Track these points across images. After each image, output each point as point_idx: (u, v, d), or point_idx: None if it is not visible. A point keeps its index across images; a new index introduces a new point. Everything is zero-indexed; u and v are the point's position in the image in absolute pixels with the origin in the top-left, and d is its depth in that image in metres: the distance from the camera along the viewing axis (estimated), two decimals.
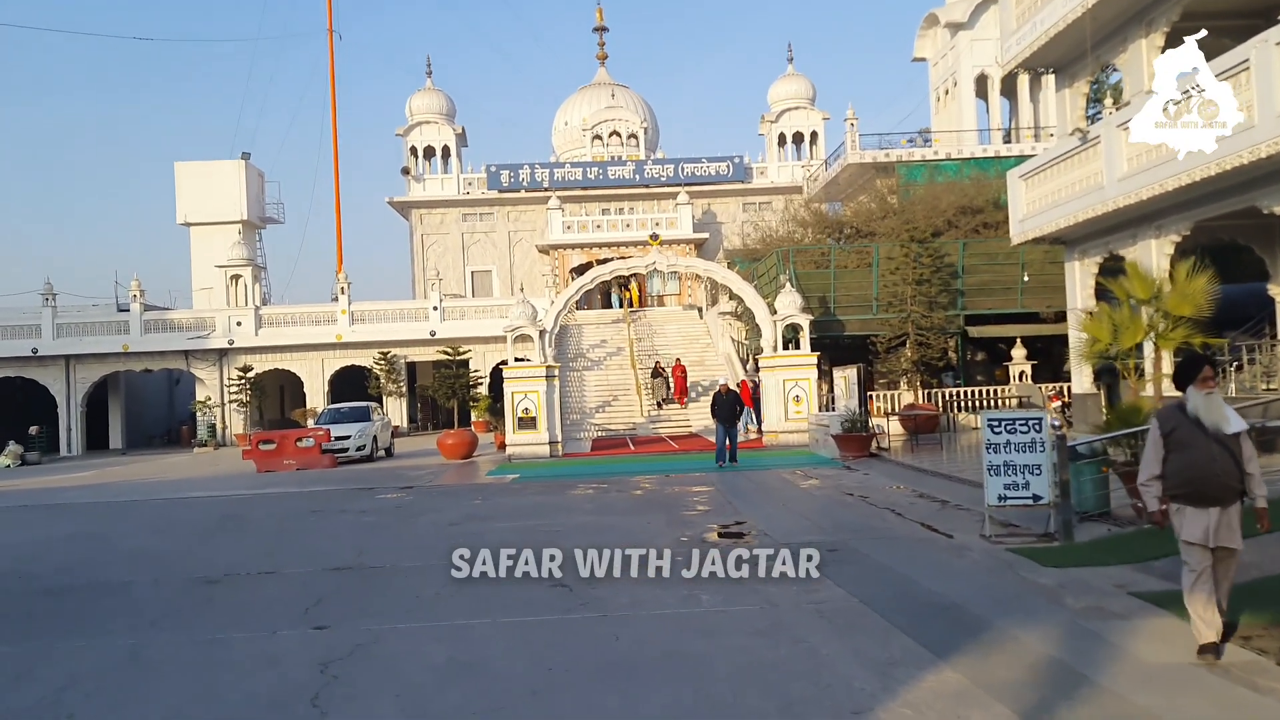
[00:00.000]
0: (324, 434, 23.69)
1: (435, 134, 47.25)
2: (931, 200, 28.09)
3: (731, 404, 18.63)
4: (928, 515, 11.20)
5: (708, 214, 47.10)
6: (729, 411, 18.45)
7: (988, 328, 25.60)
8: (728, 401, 18.57)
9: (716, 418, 18.49)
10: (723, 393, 18.74)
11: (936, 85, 39.65)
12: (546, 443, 22.36)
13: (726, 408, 18.46)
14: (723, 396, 18.64)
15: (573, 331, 36.57)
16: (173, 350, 38.61)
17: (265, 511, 15.04)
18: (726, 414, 18.37)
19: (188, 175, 44.23)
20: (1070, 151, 18.59)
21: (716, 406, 18.59)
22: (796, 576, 7.22)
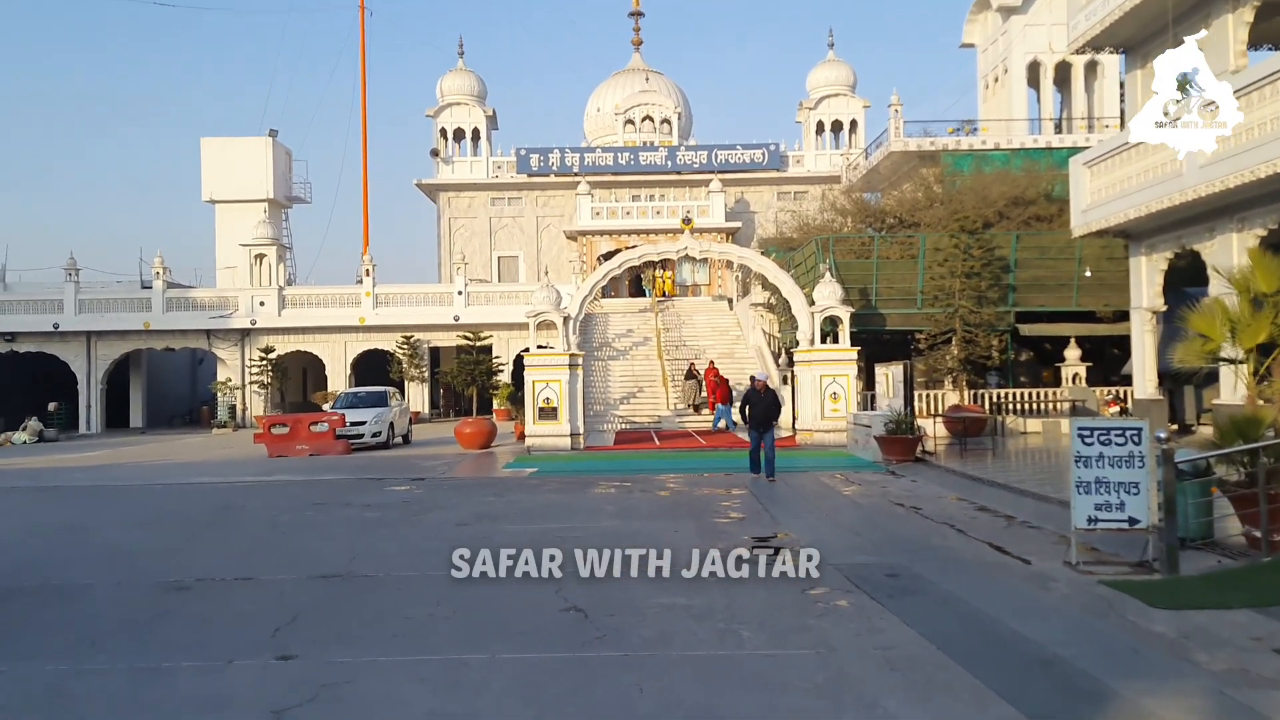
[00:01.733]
0: (339, 419, 22.70)
1: (466, 116, 46.19)
2: (980, 190, 26.60)
3: (769, 404, 15.17)
4: (994, 533, 9.90)
5: (741, 202, 45.72)
6: (764, 412, 15.03)
7: (1040, 326, 24.12)
8: (764, 401, 15.11)
9: (749, 420, 15.18)
10: (759, 390, 15.29)
11: (985, 72, 37.99)
12: (568, 434, 21.22)
13: (762, 409, 15.02)
14: (758, 395, 15.22)
15: (598, 320, 35.41)
16: (195, 329, 37.93)
17: (265, 502, 14.00)
18: (761, 415, 15.01)
19: (214, 151, 43.44)
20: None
21: (749, 406, 15.17)
22: (861, 619, 5.92)
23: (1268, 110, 13.95)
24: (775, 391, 16.67)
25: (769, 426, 15.07)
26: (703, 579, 7.86)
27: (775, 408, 15.47)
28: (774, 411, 15.32)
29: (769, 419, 15.13)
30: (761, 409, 15.06)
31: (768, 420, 15.07)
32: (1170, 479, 7.80)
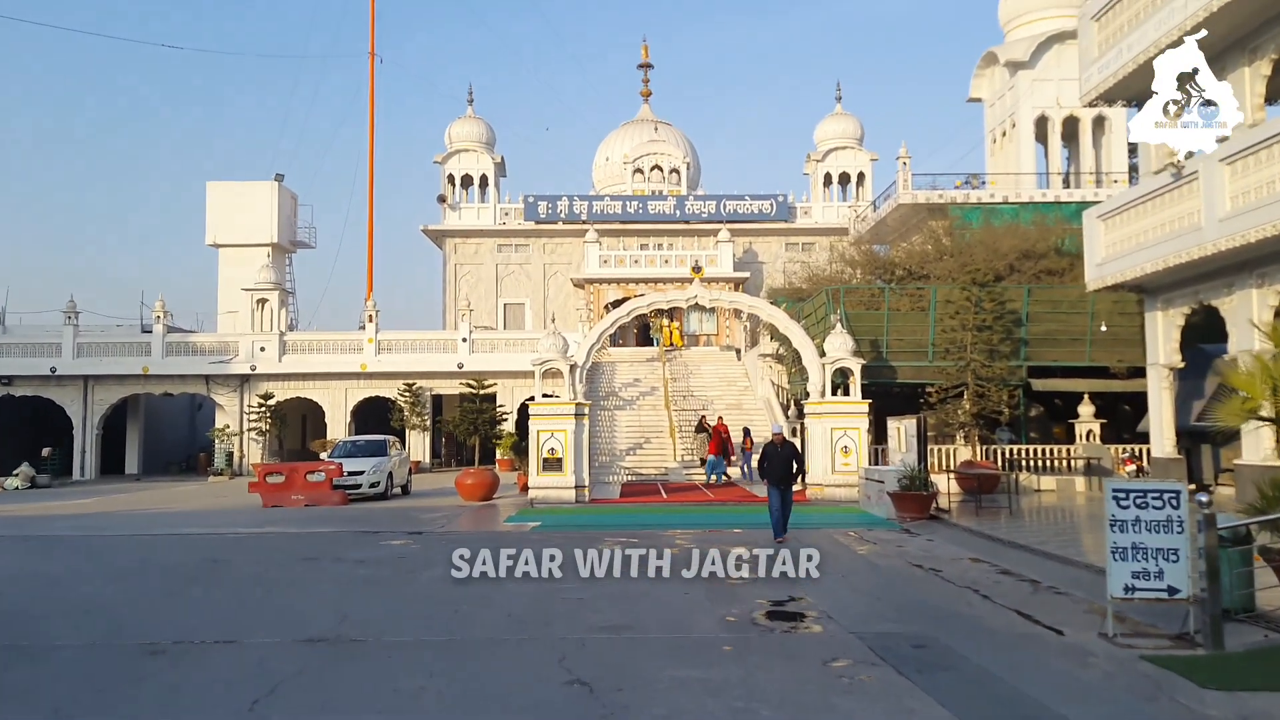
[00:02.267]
0: (336, 468, 22.19)
1: (474, 162, 46.31)
2: (990, 243, 26.33)
3: (788, 459, 13.97)
4: (1021, 600, 9.37)
5: (749, 253, 45.59)
6: (784, 469, 13.80)
7: (1053, 381, 23.68)
8: (782, 456, 13.90)
9: (767, 477, 13.97)
10: (776, 444, 14.12)
11: (992, 127, 38.02)
12: (573, 486, 20.71)
13: (780, 464, 13.80)
14: (776, 449, 14.03)
15: (605, 369, 35.02)
16: (193, 374, 37.54)
17: (254, 556, 13.47)
18: (780, 472, 13.75)
19: (219, 195, 43.51)
20: (1159, 189, 16.84)
21: (767, 462, 14.00)
22: (889, 698, 5.41)
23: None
24: (794, 445, 15.29)
25: (789, 483, 13.90)
26: (716, 648, 7.35)
27: (795, 462, 14.22)
28: (794, 466, 14.12)
29: (789, 476, 13.94)
30: (780, 464, 13.89)
31: (788, 477, 13.91)
32: (1213, 545, 7.32)
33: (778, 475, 13.82)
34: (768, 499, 13.93)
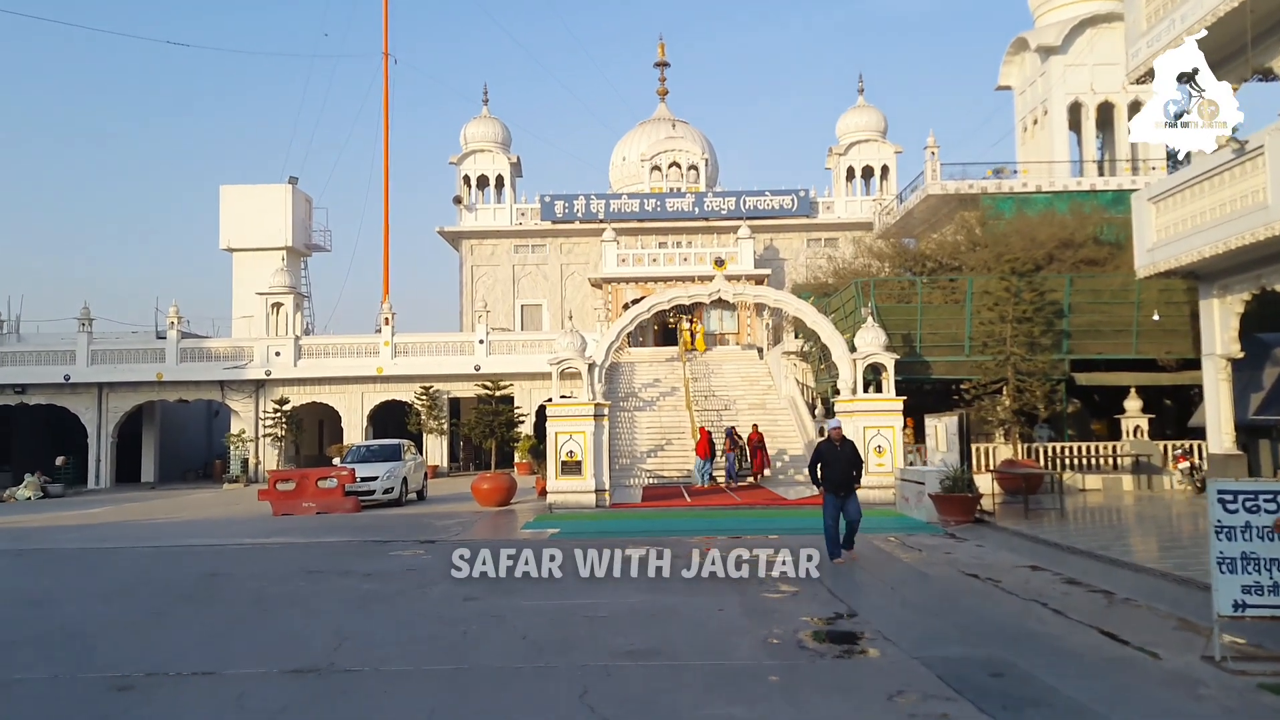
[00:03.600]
0: (348, 474, 21.39)
1: (489, 163, 45.51)
2: (1027, 232, 25.18)
3: (849, 459, 11.80)
4: (1098, 615, 8.35)
5: (770, 249, 44.56)
6: (845, 472, 11.65)
7: (1097, 375, 22.51)
8: (842, 457, 11.71)
9: (824, 483, 11.74)
10: (834, 442, 11.84)
11: (1023, 114, 36.81)
12: (593, 490, 19.79)
13: (841, 467, 11.64)
14: (834, 449, 11.77)
15: (624, 369, 34.09)
16: (208, 380, 36.93)
17: (256, 569, 12.62)
18: (841, 476, 11.62)
19: (233, 199, 42.91)
20: (1217, 168, 15.70)
21: (823, 464, 11.75)
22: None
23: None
24: (854, 443, 12.75)
25: (851, 490, 11.67)
26: (761, 678, 6.39)
27: (857, 463, 11.98)
28: (857, 467, 11.91)
29: (850, 479, 11.68)
30: (840, 466, 11.60)
31: (849, 482, 11.63)
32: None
33: (837, 479, 11.62)
34: (823, 509, 11.75)
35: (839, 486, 11.64)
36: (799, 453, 26.77)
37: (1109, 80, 33.81)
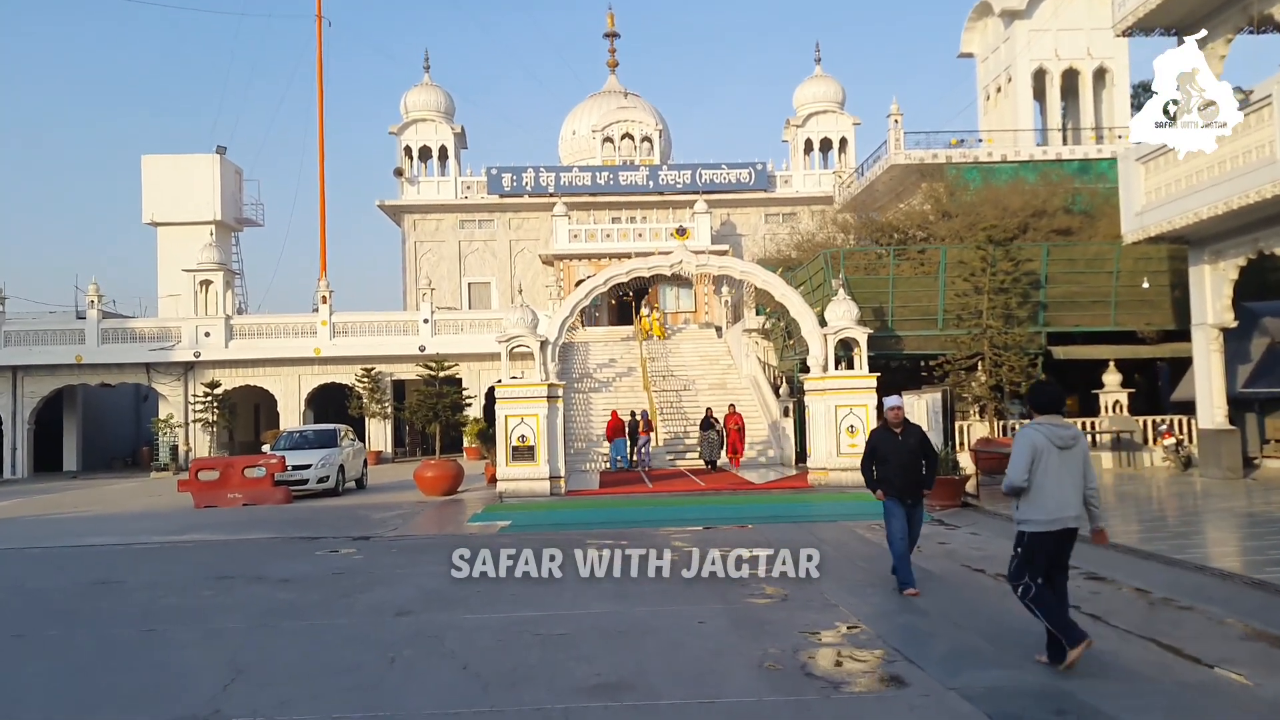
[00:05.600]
0: (278, 462, 19.62)
1: (432, 133, 43.49)
2: (998, 201, 24.09)
3: (917, 453, 8.43)
4: (1143, 621, 7.11)
5: (727, 224, 43.27)
6: (912, 470, 8.38)
7: (1075, 348, 21.51)
8: (907, 448, 8.38)
9: (882, 485, 8.45)
10: (892, 428, 8.48)
11: (986, 83, 35.82)
12: (546, 477, 18.30)
13: (906, 462, 8.35)
14: (893, 438, 8.43)
15: (578, 349, 32.59)
16: (132, 363, 34.69)
17: (157, 574, 10.93)
18: (906, 477, 8.35)
19: (156, 170, 40.34)
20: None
21: (881, 460, 8.46)
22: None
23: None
24: (921, 429, 8.99)
25: (919, 496, 8.46)
26: (764, 713, 4.98)
27: (929, 457, 8.55)
28: (929, 463, 8.53)
29: (919, 480, 8.39)
30: (907, 462, 8.28)
31: (917, 483, 8.39)
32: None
33: (904, 481, 8.28)
34: (886, 520, 8.44)
35: (906, 490, 8.33)
36: (763, 434, 25.55)
37: (1074, 46, 32.97)
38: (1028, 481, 5.84)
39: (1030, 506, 5.91)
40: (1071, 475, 5.87)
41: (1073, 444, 5.91)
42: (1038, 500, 5.87)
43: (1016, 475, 5.85)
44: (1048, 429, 5.91)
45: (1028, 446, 5.86)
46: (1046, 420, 5.97)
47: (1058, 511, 5.84)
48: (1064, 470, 5.85)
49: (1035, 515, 5.89)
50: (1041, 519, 5.87)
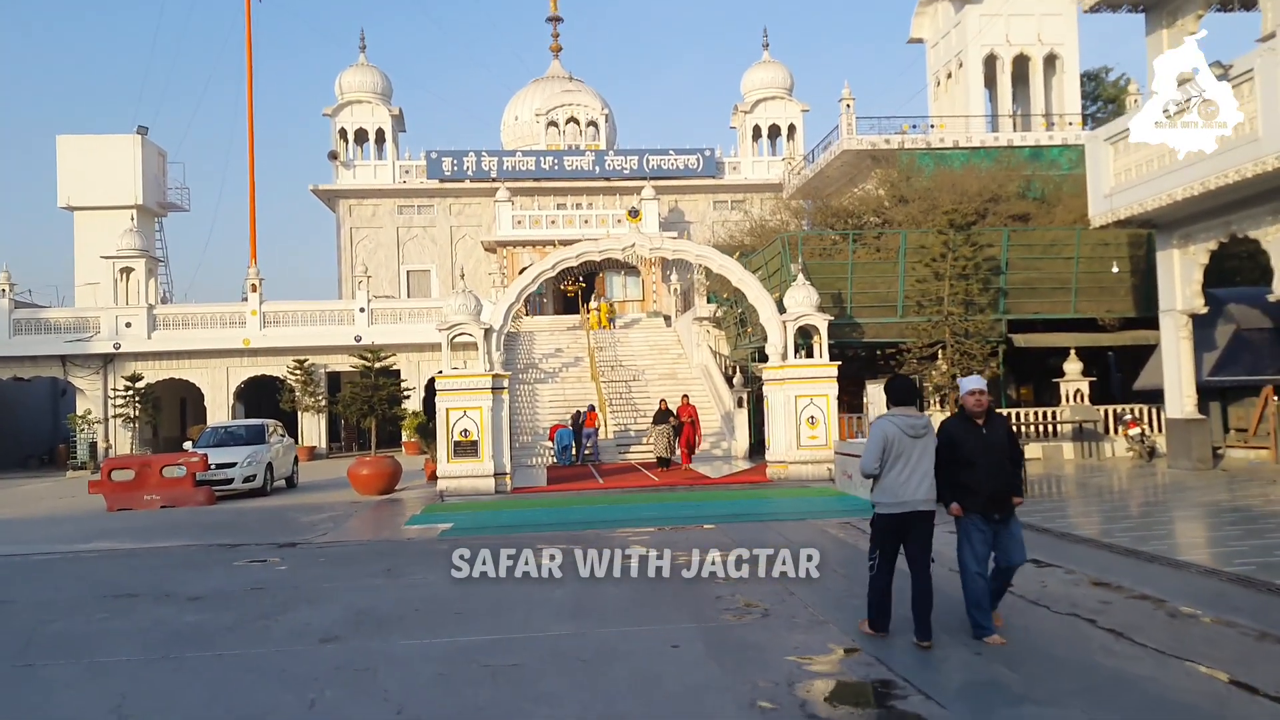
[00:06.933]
0: (200, 461, 18.20)
1: (368, 115, 41.82)
2: (957, 186, 23.50)
3: (1002, 448, 6.40)
4: (1171, 638, 6.31)
5: (675, 211, 42.38)
6: (1000, 473, 6.36)
7: (1035, 336, 21.02)
8: (994, 444, 6.36)
9: (959, 494, 6.37)
10: (973, 417, 6.44)
11: (936, 69, 35.37)
12: (491, 474, 17.21)
13: (993, 462, 6.33)
14: (975, 431, 6.40)
15: (523, 338, 31.45)
16: (46, 355, 32.56)
17: (47, 592, 9.63)
18: (996, 481, 6.33)
19: (72, 151, 37.97)
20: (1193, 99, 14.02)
21: (959, 461, 6.33)
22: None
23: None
24: (1006, 419, 7.47)
25: (1009, 504, 6.41)
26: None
27: (1016, 456, 6.61)
28: (1017, 462, 6.62)
29: (1008, 482, 6.41)
30: (994, 462, 6.33)
31: (1006, 487, 6.39)
32: None
33: (991, 489, 6.32)
34: (961, 542, 6.49)
35: (995, 501, 6.34)
36: (715, 426, 24.72)
37: (1025, 32, 32.66)
38: (879, 468, 6.29)
39: (880, 491, 6.37)
40: (922, 462, 6.27)
41: (924, 432, 6.31)
42: (887, 485, 6.30)
43: (869, 463, 6.33)
44: (900, 419, 6.29)
45: (880, 436, 6.28)
46: (900, 411, 6.36)
47: (905, 495, 6.24)
48: (914, 457, 6.24)
49: (884, 499, 6.35)
50: (889, 501, 6.31)
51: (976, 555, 6.42)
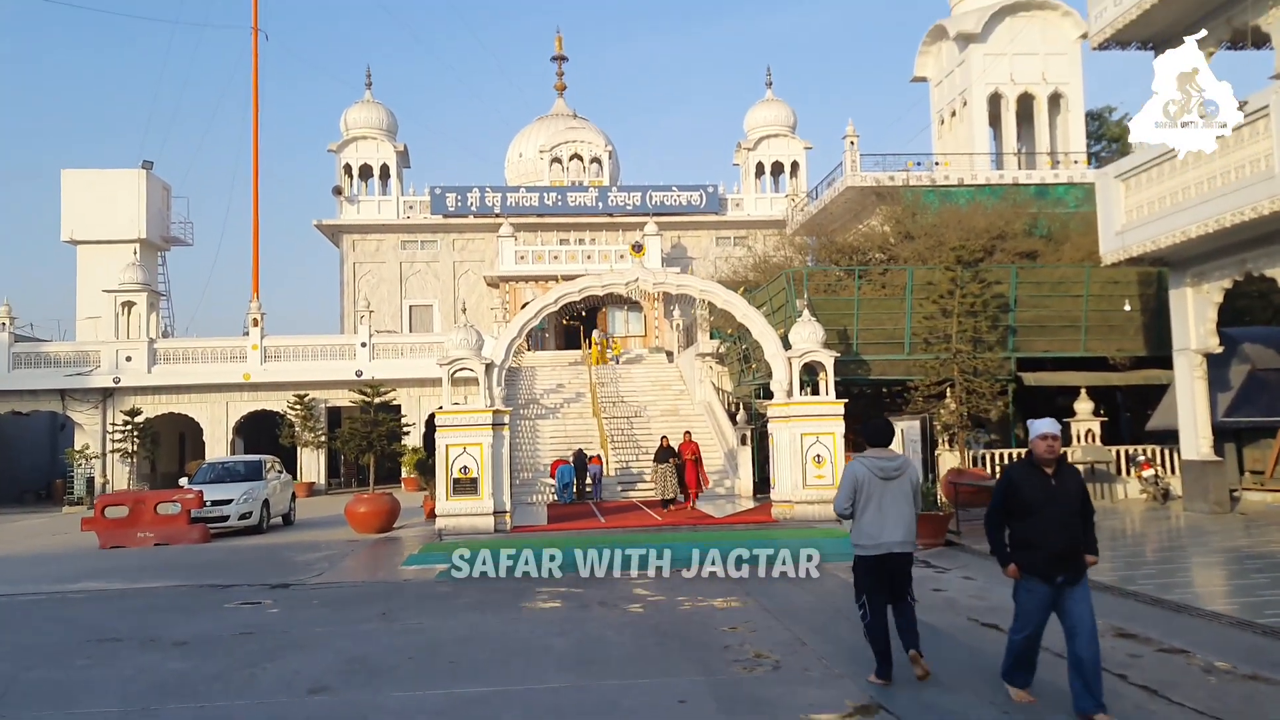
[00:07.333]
0: (195, 498, 17.86)
1: (373, 151, 41.88)
2: (964, 223, 23.32)
3: (1072, 502, 5.62)
4: (1213, 697, 5.98)
5: (677, 247, 42.28)
6: (1069, 530, 5.58)
7: (1045, 375, 20.71)
8: (1061, 496, 5.59)
9: (1018, 551, 5.65)
10: (1042, 465, 5.64)
11: (940, 107, 35.40)
12: (490, 512, 16.84)
13: (1060, 517, 5.56)
14: (1043, 479, 5.63)
15: (524, 374, 31.18)
16: (46, 389, 32.32)
17: (29, 636, 9.27)
18: (1063, 540, 5.54)
19: (77, 185, 37.98)
20: None
21: (1018, 513, 5.65)
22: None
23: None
24: (1077, 470, 6.00)
25: (1081, 568, 5.61)
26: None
27: (1087, 512, 5.74)
28: (1088, 517, 5.73)
29: (1080, 543, 5.64)
30: (1063, 515, 5.57)
31: (1077, 547, 5.61)
32: None
33: (1059, 546, 5.53)
34: (1018, 610, 5.74)
35: (1061, 561, 5.51)
36: (719, 463, 24.37)
37: (1029, 71, 32.72)
38: (850, 509, 6.33)
39: (857, 532, 6.35)
40: (896, 504, 6.24)
41: (896, 475, 6.29)
42: (863, 526, 6.29)
43: (839, 503, 6.42)
44: (871, 461, 6.31)
45: (850, 477, 6.34)
46: (874, 453, 6.38)
47: (880, 536, 6.22)
48: (887, 499, 6.23)
49: (860, 540, 6.33)
50: (865, 543, 6.29)
51: (1026, 621, 5.65)
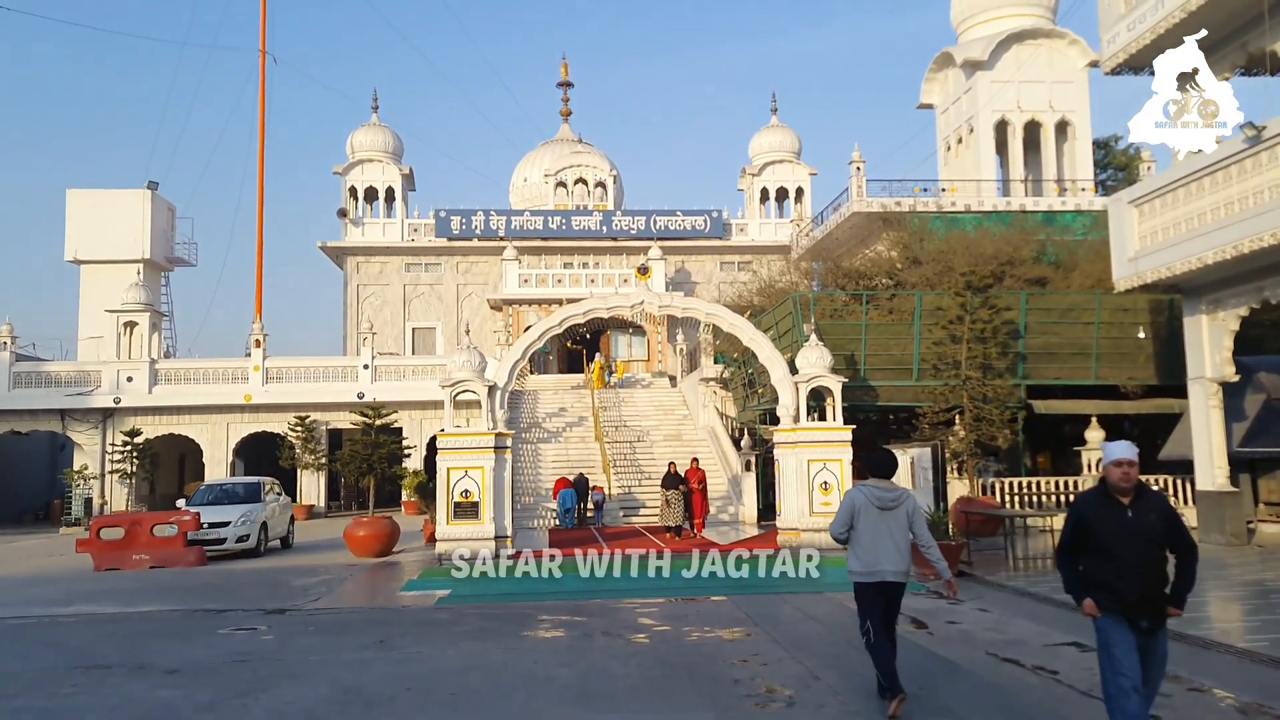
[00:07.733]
0: (191, 520, 17.59)
1: (379, 174, 41.88)
2: (973, 248, 23.15)
3: (1159, 531, 4.87)
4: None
5: (681, 272, 42.13)
6: (1151, 562, 4.89)
7: (1056, 402, 20.43)
8: (1141, 532, 4.84)
9: (1095, 590, 4.93)
10: (1119, 495, 4.93)
11: (946, 134, 35.34)
12: (491, 537, 16.53)
13: (1140, 555, 4.85)
14: (1119, 511, 4.88)
15: (526, 398, 30.94)
16: (46, 409, 32.14)
17: (16, 661, 8.98)
18: (1143, 571, 4.85)
19: (81, 205, 37.97)
20: (1223, 161, 13.67)
21: (1095, 550, 4.95)
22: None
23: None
24: (1165, 499, 5.17)
25: (1163, 612, 4.91)
26: None
27: (1182, 548, 4.95)
28: (1183, 555, 4.96)
29: (1164, 583, 4.94)
30: (1142, 551, 4.85)
31: (1161, 590, 4.92)
32: None
33: (1137, 587, 4.85)
34: (1102, 654, 4.93)
35: (1141, 604, 4.86)
36: (722, 489, 24.06)
37: (1036, 98, 32.67)
38: (847, 535, 6.43)
39: (853, 558, 6.49)
40: (892, 533, 6.35)
41: (894, 505, 6.38)
42: (857, 553, 6.42)
43: (835, 528, 6.52)
44: (869, 490, 6.42)
45: (848, 504, 6.48)
46: (873, 483, 6.48)
47: (874, 564, 6.35)
48: (883, 528, 6.34)
49: (855, 566, 6.47)
50: (860, 570, 6.43)
51: (1118, 667, 4.76)
